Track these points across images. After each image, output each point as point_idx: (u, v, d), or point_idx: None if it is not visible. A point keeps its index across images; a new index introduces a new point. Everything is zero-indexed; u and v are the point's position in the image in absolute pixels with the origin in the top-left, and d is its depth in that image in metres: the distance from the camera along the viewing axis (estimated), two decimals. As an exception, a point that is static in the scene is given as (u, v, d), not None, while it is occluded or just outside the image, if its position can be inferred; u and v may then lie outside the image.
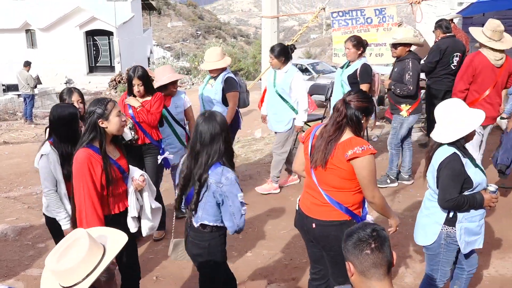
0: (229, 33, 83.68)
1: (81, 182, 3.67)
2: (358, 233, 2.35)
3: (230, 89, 6.43)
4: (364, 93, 3.66)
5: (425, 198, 4.05)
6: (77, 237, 2.42)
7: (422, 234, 3.98)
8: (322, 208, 3.62)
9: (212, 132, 3.54)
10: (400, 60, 6.89)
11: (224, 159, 3.59)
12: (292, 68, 6.72)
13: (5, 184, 8.65)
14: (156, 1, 68.38)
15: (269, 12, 9.80)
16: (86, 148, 3.72)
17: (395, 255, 2.38)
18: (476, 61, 6.27)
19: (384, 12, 8.85)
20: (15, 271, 5.45)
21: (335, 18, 9.07)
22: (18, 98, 21.35)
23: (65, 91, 4.99)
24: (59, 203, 4.18)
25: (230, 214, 3.56)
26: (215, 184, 3.50)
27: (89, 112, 3.77)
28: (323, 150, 3.53)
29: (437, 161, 3.75)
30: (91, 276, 2.36)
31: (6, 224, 6.55)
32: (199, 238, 3.72)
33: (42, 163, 4.15)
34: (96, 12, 33.49)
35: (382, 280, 2.32)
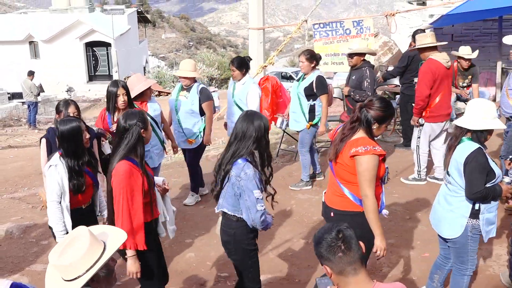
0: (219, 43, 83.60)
1: (122, 194, 3.51)
2: (325, 239, 2.36)
3: (206, 99, 6.39)
4: (384, 102, 3.65)
5: (445, 194, 3.99)
6: (79, 234, 2.42)
7: (448, 228, 3.92)
8: (339, 199, 3.72)
9: (245, 130, 3.57)
10: (357, 68, 6.94)
11: (252, 157, 3.60)
12: (249, 80, 6.77)
13: (10, 186, 8.59)
14: (151, 14, 68.22)
15: (255, 24, 9.80)
16: (126, 160, 3.57)
17: (362, 245, 2.41)
18: (433, 67, 6.47)
19: (362, 23, 8.88)
20: (20, 267, 5.41)
21: (317, 30, 9.09)
22: (23, 105, 21.25)
23: (62, 103, 4.79)
24: (60, 215, 3.94)
25: (246, 208, 3.56)
26: (234, 177, 3.54)
27: (130, 125, 3.59)
28: (336, 146, 3.67)
29: (463, 156, 3.71)
30: (91, 270, 2.35)
31: (11, 223, 6.50)
32: (227, 225, 3.74)
33: (50, 173, 3.94)
34: (95, 25, 33.50)
35: (358, 274, 2.34)
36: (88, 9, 35.88)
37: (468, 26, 11.61)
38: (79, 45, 33.78)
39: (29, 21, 34.63)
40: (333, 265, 2.34)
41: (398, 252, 5.34)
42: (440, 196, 4.06)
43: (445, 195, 3.99)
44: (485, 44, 11.58)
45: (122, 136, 3.62)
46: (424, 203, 6.46)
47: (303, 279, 4.95)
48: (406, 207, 6.36)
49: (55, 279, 2.40)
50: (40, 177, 8.89)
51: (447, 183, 3.96)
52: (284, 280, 4.99)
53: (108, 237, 2.52)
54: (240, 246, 3.73)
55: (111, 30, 32.59)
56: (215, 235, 5.80)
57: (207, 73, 33.20)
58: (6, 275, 5.15)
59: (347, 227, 2.41)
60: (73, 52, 33.39)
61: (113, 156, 3.68)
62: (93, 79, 34.49)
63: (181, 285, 4.98)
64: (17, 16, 37.60)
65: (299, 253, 5.48)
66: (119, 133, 3.67)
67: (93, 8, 37.48)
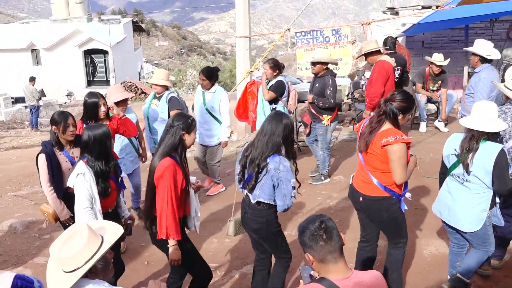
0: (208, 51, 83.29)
1: (166, 189, 3.54)
2: (309, 229, 2.38)
3: (174, 107, 6.14)
4: (405, 94, 3.76)
5: (462, 192, 3.89)
6: (78, 228, 2.41)
7: (469, 223, 3.86)
8: (367, 185, 3.84)
9: (274, 128, 3.68)
10: (320, 77, 6.90)
11: (282, 151, 3.73)
12: (220, 89, 6.63)
13: (14, 184, 8.50)
14: (145, 24, 67.88)
15: (242, 33, 9.79)
16: (169, 158, 3.60)
17: (343, 236, 2.42)
18: (386, 66, 6.72)
19: (340, 32, 8.90)
20: (23, 260, 5.37)
21: (299, 37, 9.10)
22: (25, 109, 21.08)
23: (58, 115, 4.35)
24: (95, 220, 3.80)
25: (283, 195, 3.69)
26: (273, 170, 3.64)
27: (174, 125, 3.64)
28: (365, 138, 3.76)
29: (491, 157, 3.64)
30: (89, 262, 2.34)
31: (15, 219, 6.44)
32: (257, 214, 3.84)
33: (79, 181, 3.79)
34: (93, 33, 33.31)
35: (337, 262, 2.35)
36: (86, 19, 35.64)
37: (437, 34, 11.70)
38: (78, 52, 33.51)
39: (31, 30, 34.33)
40: (315, 253, 2.35)
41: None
42: (455, 195, 3.94)
43: (463, 194, 3.89)
44: (452, 50, 11.68)
45: (167, 132, 3.68)
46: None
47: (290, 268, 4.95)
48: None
49: (56, 271, 2.39)
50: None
51: (464, 182, 3.85)
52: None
53: (105, 231, 2.51)
54: (270, 230, 3.89)
55: (108, 38, 32.42)
56: (205, 228, 5.81)
57: (197, 78, 33.03)
58: (10, 267, 5.12)
59: (330, 218, 2.43)
60: (72, 59, 33.14)
61: (156, 152, 3.72)
62: (92, 84, 34.20)
63: (174, 275, 4.96)
64: (20, 25, 37.19)
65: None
66: (165, 129, 3.71)
67: (91, 18, 37.25)
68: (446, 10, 9.34)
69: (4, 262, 5.31)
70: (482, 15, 9.91)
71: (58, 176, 4.30)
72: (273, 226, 3.89)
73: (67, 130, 4.28)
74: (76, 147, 4.37)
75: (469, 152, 3.73)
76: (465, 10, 8.93)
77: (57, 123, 4.27)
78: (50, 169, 4.25)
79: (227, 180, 7.42)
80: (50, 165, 4.25)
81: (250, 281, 4.76)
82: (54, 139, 4.33)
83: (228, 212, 6.32)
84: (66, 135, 4.30)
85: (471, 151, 3.72)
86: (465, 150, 3.76)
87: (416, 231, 5.53)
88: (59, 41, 33.04)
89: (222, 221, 6.13)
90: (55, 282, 2.38)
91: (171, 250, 3.63)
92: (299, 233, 2.43)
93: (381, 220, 3.89)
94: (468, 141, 3.74)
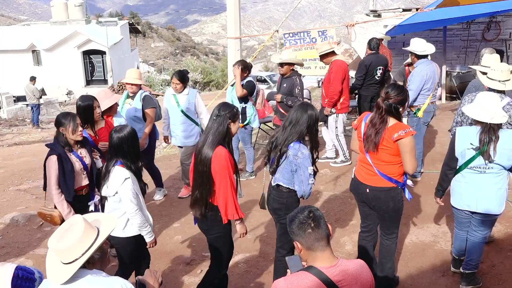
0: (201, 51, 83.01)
1: (226, 176, 3.55)
2: (298, 217, 2.39)
3: (148, 105, 6.04)
4: (397, 88, 3.75)
5: (487, 179, 3.89)
6: (75, 221, 2.37)
7: (499, 204, 3.94)
8: (374, 177, 3.85)
9: (299, 117, 3.73)
10: (287, 77, 6.83)
11: (305, 140, 3.77)
12: (192, 90, 6.39)
13: (16, 179, 8.41)
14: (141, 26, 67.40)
15: (233, 34, 9.73)
16: (221, 146, 3.58)
17: (330, 227, 2.41)
18: (343, 66, 6.85)
19: (326, 33, 8.90)
20: (25, 251, 5.31)
21: (287, 38, 9.09)
22: (27, 107, 20.90)
23: (63, 116, 4.08)
24: (144, 218, 3.73)
25: (300, 181, 3.74)
26: (292, 156, 3.70)
27: (221, 114, 3.58)
28: (373, 140, 3.74)
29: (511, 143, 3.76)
30: (86, 253, 2.31)
31: (17, 212, 6.37)
32: (279, 196, 3.92)
33: (127, 185, 3.59)
34: (91, 35, 33.07)
35: (324, 250, 2.34)
36: (85, 21, 35.40)
37: (417, 35, 11.65)
38: (77, 53, 33.25)
39: (32, 32, 34.03)
40: (303, 241, 2.34)
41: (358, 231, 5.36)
42: (479, 185, 3.92)
43: (487, 180, 3.91)
44: (431, 50, 11.71)
45: (213, 122, 3.62)
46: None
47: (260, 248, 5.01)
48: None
49: (55, 263, 2.36)
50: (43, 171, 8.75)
51: (486, 170, 3.87)
52: (259, 258, 4.99)
53: (101, 223, 2.48)
54: (289, 212, 3.81)
55: (106, 39, 32.21)
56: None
57: (191, 77, 33.12)
58: (13, 258, 5.07)
59: (318, 209, 2.43)
60: (71, 59, 32.89)
61: (205, 141, 3.62)
62: (90, 83, 34.00)
63: (169, 264, 4.95)
64: (21, 27, 36.86)
65: (273, 234, 5.47)
66: (211, 119, 3.66)
67: (89, 21, 36.97)
68: (426, 13, 9.37)
69: (6, 254, 5.25)
70: (459, 17, 9.97)
71: (70, 178, 4.04)
72: (292, 209, 3.87)
73: (77, 130, 4.04)
74: (83, 147, 4.20)
75: (490, 143, 3.76)
76: (443, 12, 8.96)
77: (65, 124, 4.00)
78: (61, 171, 3.98)
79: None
80: (62, 167, 3.98)
81: (242, 269, 4.76)
82: (63, 140, 4.05)
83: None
84: (75, 135, 4.05)
85: (492, 142, 3.75)
86: (486, 141, 3.78)
87: (398, 221, 5.54)
88: (58, 42, 32.77)
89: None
90: (55, 273, 2.34)
91: (240, 227, 3.74)
92: (289, 222, 2.43)
93: (387, 209, 3.90)
94: (488, 133, 3.76)
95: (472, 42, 12.00)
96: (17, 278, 2.39)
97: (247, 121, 6.77)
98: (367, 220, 4.19)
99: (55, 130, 4.18)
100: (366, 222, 4.21)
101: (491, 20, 11.91)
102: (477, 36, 12.07)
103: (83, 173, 4.14)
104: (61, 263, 2.33)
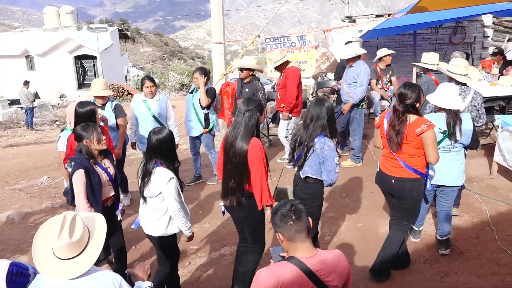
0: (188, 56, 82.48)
1: (261, 165, 3.61)
2: (281, 210, 2.39)
3: (120, 115, 5.77)
4: (410, 87, 3.82)
5: (452, 156, 4.28)
6: (70, 215, 2.29)
7: (461, 176, 4.38)
8: (399, 169, 3.92)
9: (318, 112, 3.82)
10: (248, 82, 6.79)
11: (327, 133, 3.83)
12: (163, 96, 6.17)
13: (11, 179, 8.29)
14: (130, 32, 66.80)
15: (217, 39, 9.70)
16: (255, 138, 3.64)
17: (311, 221, 2.42)
18: (297, 72, 6.89)
19: (305, 38, 8.91)
20: (20, 248, 5.23)
21: (268, 43, 9.08)
22: (21, 110, 20.56)
23: (83, 127, 3.76)
24: (185, 216, 3.66)
25: (328, 171, 3.83)
26: (319, 149, 3.79)
27: (250, 109, 3.64)
28: (395, 140, 3.83)
29: (470, 124, 4.21)
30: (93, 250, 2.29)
31: (12, 210, 6.28)
32: (306, 187, 4.01)
33: (172, 185, 3.51)
34: (82, 41, 32.80)
35: (304, 241, 2.35)
36: (76, 27, 35.03)
37: (389, 39, 11.82)
38: (69, 58, 32.88)
39: (25, 38, 33.56)
40: (285, 232, 2.35)
41: (337, 223, 5.41)
42: (446, 162, 4.23)
43: (452, 157, 4.29)
44: (403, 53, 11.83)
45: (244, 116, 3.65)
46: (357, 182, 6.56)
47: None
48: (343, 186, 6.44)
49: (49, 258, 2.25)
50: (37, 170, 8.64)
51: (451, 149, 4.26)
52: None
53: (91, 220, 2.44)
54: (315, 201, 4.02)
55: (97, 45, 31.97)
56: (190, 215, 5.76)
57: (179, 80, 33.06)
58: (8, 255, 4.98)
59: (299, 203, 2.45)
60: (64, 64, 32.52)
61: (237, 134, 3.63)
62: (82, 86, 33.56)
63: (159, 257, 4.91)
64: (15, 34, 36.29)
65: (257, 227, 5.49)
66: (241, 114, 3.67)
67: (81, 27, 36.59)
68: (397, 18, 9.45)
69: (2, 250, 5.16)
70: (428, 22, 10.07)
71: (98, 191, 3.78)
72: (319, 199, 4.04)
73: (101, 139, 3.79)
74: (106, 158, 3.96)
75: (455, 126, 4.13)
76: (413, 18, 9.04)
77: (88, 136, 3.72)
78: (89, 185, 3.70)
79: (205, 172, 7.37)
80: (89, 181, 3.71)
81: (228, 261, 4.75)
82: (88, 152, 3.76)
83: (214, 199, 6.31)
84: (101, 144, 3.78)
85: (457, 125, 4.13)
86: (452, 125, 4.13)
87: (373, 213, 5.59)
88: (51, 48, 32.39)
89: (201, 208, 6.10)
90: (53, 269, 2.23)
91: (269, 212, 3.68)
92: (272, 214, 2.43)
93: (410, 199, 3.95)
94: (454, 117, 4.12)
95: (440, 45, 12.12)
96: (11, 274, 2.35)
97: (210, 126, 6.56)
98: (394, 211, 4.26)
99: (48, 132, 4.07)
100: (394, 211, 4.27)
101: (457, 25, 12.06)
102: (445, 40, 12.21)
103: (108, 184, 3.92)
104: (57, 259, 2.24)
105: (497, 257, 4.46)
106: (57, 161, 8.74)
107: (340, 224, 5.37)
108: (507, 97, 8.02)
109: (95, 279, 2.29)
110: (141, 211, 3.77)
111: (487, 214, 5.32)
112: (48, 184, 7.69)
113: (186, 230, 3.70)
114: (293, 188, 4.22)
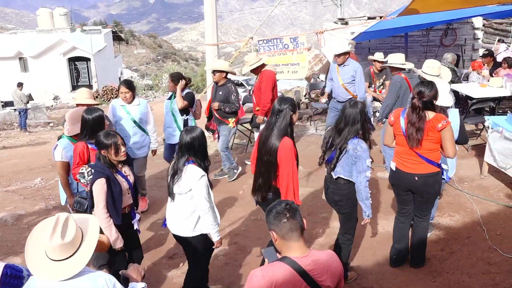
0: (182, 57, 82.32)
1: (290, 165, 3.65)
2: (276, 208, 2.40)
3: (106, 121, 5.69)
4: (427, 85, 3.89)
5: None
6: (63, 216, 2.26)
7: (452, 168, 4.64)
8: (420, 166, 3.98)
9: (354, 115, 3.78)
10: (222, 85, 6.70)
11: (360, 134, 3.81)
12: (142, 100, 5.92)
13: (4, 181, 8.22)
14: (124, 33, 66.54)
15: (211, 41, 9.68)
16: (287, 137, 3.68)
17: (305, 221, 2.43)
18: (272, 75, 6.81)
19: (297, 39, 8.92)
20: (14, 250, 5.19)
21: (261, 45, 9.08)
22: (14, 112, 20.41)
23: (105, 136, 3.61)
24: (215, 217, 3.58)
25: (358, 172, 3.76)
26: (352, 150, 3.75)
27: (283, 109, 3.69)
28: (415, 137, 3.88)
29: (457, 119, 4.42)
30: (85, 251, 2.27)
31: (5, 212, 6.23)
32: (339, 188, 3.96)
33: (203, 183, 3.46)
34: (76, 43, 32.57)
35: (298, 240, 2.36)
36: (70, 29, 34.74)
37: (381, 41, 11.88)
38: (63, 60, 32.66)
39: (19, 40, 33.29)
40: (278, 230, 2.35)
41: (329, 224, 5.41)
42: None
43: None
44: (394, 55, 11.86)
45: (277, 116, 3.71)
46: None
47: (254, 249, 4.96)
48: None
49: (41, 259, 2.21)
50: (31, 172, 8.58)
51: None
52: (238, 250, 4.98)
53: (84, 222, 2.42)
54: (350, 201, 3.98)
55: (90, 47, 31.77)
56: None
57: (172, 82, 32.93)
58: (2, 257, 4.94)
59: (293, 202, 2.45)
60: (57, 66, 32.28)
61: (270, 134, 3.71)
62: (76, 88, 33.27)
63: (153, 258, 4.90)
64: (8, 36, 35.98)
65: (250, 228, 5.49)
66: (274, 114, 3.73)
67: (74, 29, 36.33)
68: (389, 20, 9.49)
69: (-4, 252, 5.13)
70: (419, 24, 10.13)
71: (119, 201, 3.65)
72: (353, 199, 3.96)
73: (119, 151, 3.62)
74: (125, 165, 3.81)
75: None
76: (405, 20, 9.08)
77: (107, 146, 3.58)
78: (110, 194, 3.57)
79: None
80: (110, 190, 3.57)
81: (221, 261, 4.74)
82: (107, 162, 3.62)
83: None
84: (119, 156, 3.64)
85: None
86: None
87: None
88: (44, 50, 32.16)
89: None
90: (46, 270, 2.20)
91: None
92: (266, 213, 2.43)
93: (433, 192, 4.07)
94: (442, 113, 4.09)
95: (431, 47, 12.21)
96: (5, 276, 2.34)
97: None
98: (406, 206, 4.31)
99: (42, 134, 4.02)
100: (405, 208, 4.32)
101: (448, 27, 12.14)
102: (436, 42, 12.28)
103: (128, 192, 3.78)
104: (50, 260, 2.21)
105: (488, 256, 4.50)
106: (51, 163, 8.69)
107: (332, 225, 5.37)
108: (497, 98, 8.09)
109: (88, 280, 2.27)
110: (168, 211, 3.73)
111: (478, 214, 5.35)
112: (41, 185, 7.64)
113: (215, 232, 3.59)
114: (324, 191, 4.20)
